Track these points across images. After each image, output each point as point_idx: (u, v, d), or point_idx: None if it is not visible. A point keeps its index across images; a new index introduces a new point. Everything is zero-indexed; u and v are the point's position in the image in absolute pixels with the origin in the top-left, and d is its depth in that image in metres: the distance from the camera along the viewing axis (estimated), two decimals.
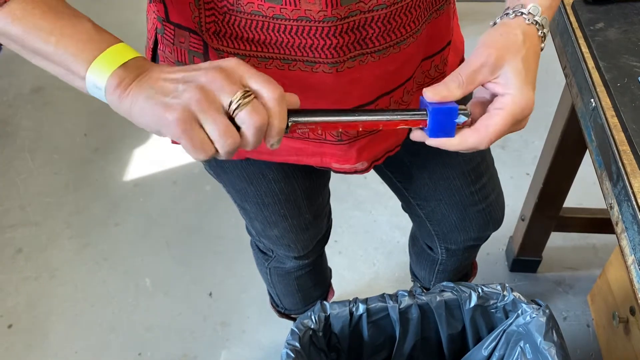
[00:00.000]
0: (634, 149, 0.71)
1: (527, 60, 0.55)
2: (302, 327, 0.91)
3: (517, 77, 0.54)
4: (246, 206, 0.90)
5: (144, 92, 0.48)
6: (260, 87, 0.48)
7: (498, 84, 0.55)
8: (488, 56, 0.55)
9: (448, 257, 1.06)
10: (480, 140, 0.55)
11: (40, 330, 1.52)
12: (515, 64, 0.54)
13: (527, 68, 0.55)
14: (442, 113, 0.55)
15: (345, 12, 0.56)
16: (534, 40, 0.57)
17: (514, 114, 0.54)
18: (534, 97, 0.55)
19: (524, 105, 0.54)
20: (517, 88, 0.54)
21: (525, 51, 0.55)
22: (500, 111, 0.55)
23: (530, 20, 0.57)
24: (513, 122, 0.55)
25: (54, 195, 1.86)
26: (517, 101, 0.54)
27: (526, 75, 0.55)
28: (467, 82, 0.55)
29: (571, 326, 1.46)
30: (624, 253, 0.69)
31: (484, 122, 0.55)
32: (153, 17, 0.69)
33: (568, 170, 1.27)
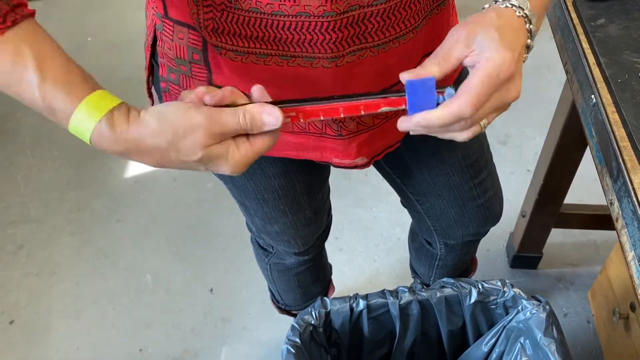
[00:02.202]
0: (634, 145, 0.71)
1: (502, 30, 0.54)
2: (303, 323, 0.91)
3: (491, 42, 0.53)
4: (246, 202, 0.91)
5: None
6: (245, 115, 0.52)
7: (474, 55, 0.54)
8: (459, 32, 0.55)
9: (447, 252, 1.06)
10: (462, 104, 0.52)
11: (41, 327, 1.52)
12: (489, 33, 0.53)
13: (502, 35, 0.53)
14: (417, 84, 0.53)
15: (344, 7, 0.56)
16: (511, 17, 0.55)
17: (489, 71, 0.52)
18: (511, 56, 0.53)
19: (500, 61, 0.52)
20: (491, 49, 0.53)
21: (499, 24, 0.54)
22: (476, 71, 0.53)
23: (504, 5, 0.56)
24: (491, 80, 0.53)
25: (55, 192, 1.87)
26: (491, 59, 0.52)
27: (501, 39, 0.53)
28: (443, 59, 0.54)
29: (572, 322, 1.46)
30: (624, 249, 0.69)
31: (463, 87, 0.53)
32: (152, 13, 0.69)
33: (569, 167, 1.27)
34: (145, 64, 0.76)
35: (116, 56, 2.35)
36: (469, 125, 0.55)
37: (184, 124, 0.50)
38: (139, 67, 1.79)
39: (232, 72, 0.66)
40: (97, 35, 2.48)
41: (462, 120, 0.54)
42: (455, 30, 0.55)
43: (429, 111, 0.54)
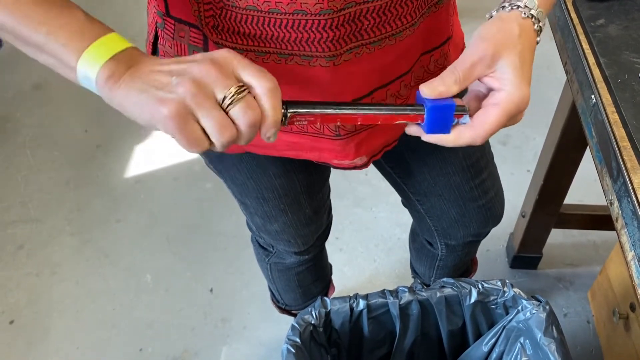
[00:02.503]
0: (634, 145, 0.71)
1: (523, 55, 0.55)
2: (303, 322, 0.91)
3: (513, 72, 0.55)
4: (246, 201, 0.91)
5: (137, 85, 0.47)
6: (253, 79, 0.48)
7: (494, 79, 0.55)
8: (484, 50, 0.55)
9: (448, 252, 1.06)
10: (475, 136, 0.56)
11: (41, 327, 1.53)
12: (512, 59, 0.55)
13: (522, 62, 0.55)
14: (440, 110, 0.55)
15: (341, 4, 0.56)
16: (530, 34, 0.57)
17: (509, 110, 0.55)
18: (529, 93, 0.55)
19: (519, 101, 0.55)
20: (512, 84, 0.55)
21: (521, 46, 0.55)
22: (496, 107, 0.55)
23: (526, 14, 0.57)
24: (508, 118, 0.55)
25: (55, 192, 1.87)
26: (512, 98, 0.55)
27: (522, 70, 0.55)
28: (464, 77, 0.55)
29: (571, 322, 1.47)
30: (624, 249, 0.69)
31: (479, 119, 0.56)
32: (153, 11, 0.69)
33: (568, 167, 1.27)
34: None
35: None
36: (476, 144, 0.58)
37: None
38: None
39: None
40: None
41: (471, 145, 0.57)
42: (479, 45, 0.55)
43: (444, 135, 0.56)
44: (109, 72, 0.48)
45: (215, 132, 0.47)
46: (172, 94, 0.46)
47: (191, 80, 0.46)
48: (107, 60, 0.48)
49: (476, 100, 0.58)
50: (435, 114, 0.55)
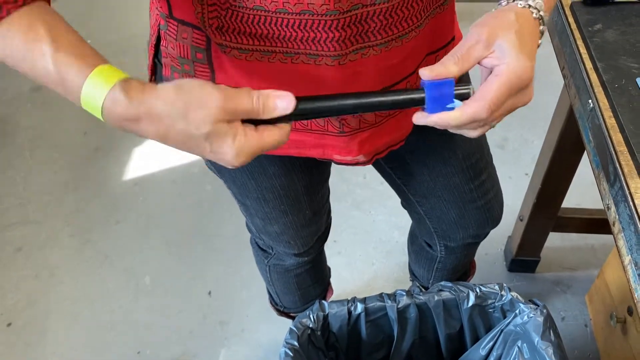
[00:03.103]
0: (631, 150, 0.71)
1: (521, 34, 0.55)
2: (301, 326, 0.91)
3: (511, 47, 0.55)
4: (247, 202, 0.91)
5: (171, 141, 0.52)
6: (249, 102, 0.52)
7: (494, 57, 0.56)
8: (480, 34, 0.55)
9: (447, 254, 1.06)
10: (479, 108, 0.54)
11: (39, 329, 1.52)
12: (509, 37, 0.55)
13: (521, 40, 0.55)
14: (437, 86, 0.55)
15: (347, 6, 0.57)
16: (528, 19, 0.57)
17: (510, 79, 0.54)
18: (531, 65, 0.55)
19: (520, 71, 0.54)
20: (512, 56, 0.54)
21: (519, 26, 0.55)
22: (496, 77, 0.55)
23: (523, 5, 0.57)
24: (510, 88, 0.55)
25: (53, 194, 1.87)
26: (511, 67, 0.54)
27: (520, 45, 0.55)
28: (463, 59, 0.55)
29: (569, 326, 1.47)
30: (621, 253, 0.70)
31: (481, 91, 0.55)
32: (156, 13, 0.70)
33: (566, 171, 1.28)
34: (148, 63, 0.77)
35: (117, 58, 2.35)
36: (482, 125, 0.57)
37: (200, 96, 0.50)
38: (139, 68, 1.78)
39: (236, 71, 0.66)
40: (98, 37, 2.49)
41: (477, 122, 0.55)
42: (475, 30, 0.56)
43: (446, 112, 0.55)
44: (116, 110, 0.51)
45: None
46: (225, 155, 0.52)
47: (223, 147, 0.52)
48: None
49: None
50: (433, 90, 0.55)
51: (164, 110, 0.50)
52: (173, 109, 0.50)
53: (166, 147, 0.54)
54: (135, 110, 0.50)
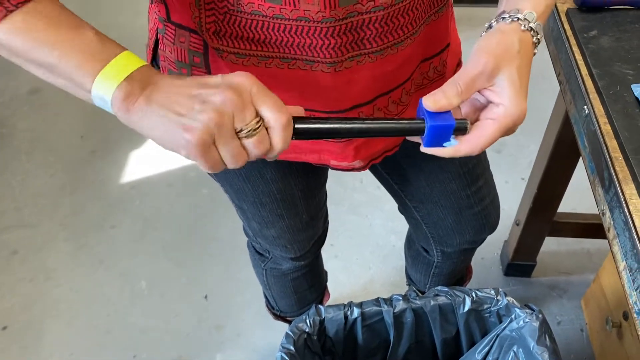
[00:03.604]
0: (625, 156, 0.72)
1: (521, 69, 0.56)
2: (297, 330, 0.92)
3: (511, 86, 0.56)
4: (244, 206, 0.91)
5: (156, 108, 0.49)
6: (269, 113, 0.50)
7: (493, 92, 0.57)
8: (485, 64, 0.55)
9: (444, 260, 1.06)
10: (472, 149, 0.57)
11: (35, 332, 1.52)
12: (510, 73, 0.56)
13: (520, 77, 0.56)
14: (439, 129, 0.56)
15: (343, 13, 0.57)
16: (528, 48, 0.58)
17: (506, 124, 0.56)
18: (526, 107, 0.57)
19: (516, 116, 0.56)
20: (510, 99, 0.56)
21: (520, 60, 0.56)
22: (493, 122, 0.56)
23: (525, 27, 0.58)
24: (504, 132, 0.57)
25: (50, 197, 1.86)
26: (509, 113, 0.56)
27: (520, 84, 0.56)
28: (465, 90, 0.56)
29: (565, 331, 1.47)
30: (616, 259, 0.70)
31: (477, 132, 0.57)
32: (154, 17, 0.70)
33: (562, 176, 1.28)
34: None
35: None
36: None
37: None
38: None
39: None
40: None
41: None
42: (480, 59, 0.56)
43: (443, 149, 0.57)
44: (124, 94, 0.49)
45: (230, 160, 0.51)
46: (195, 121, 0.48)
47: (214, 109, 0.48)
48: (122, 82, 0.49)
49: (474, 110, 0.60)
50: (435, 131, 0.56)
51: (178, 86, 0.51)
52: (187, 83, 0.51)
53: (163, 150, 0.53)
54: (148, 97, 0.50)
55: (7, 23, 0.49)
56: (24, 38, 0.49)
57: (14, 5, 0.48)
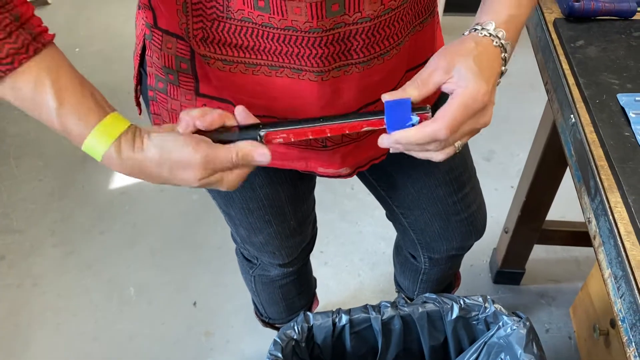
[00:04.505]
0: (611, 165, 0.72)
1: (480, 60, 0.58)
2: (285, 337, 0.91)
3: (468, 71, 0.57)
4: (231, 212, 0.91)
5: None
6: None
7: (452, 82, 0.58)
8: (440, 60, 0.59)
9: (431, 266, 1.07)
10: (437, 127, 0.57)
11: (21, 339, 1.51)
12: (467, 63, 0.58)
13: (479, 65, 0.58)
14: (395, 105, 0.58)
15: (330, 24, 0.58)
16: (488, 47, 0.60)
17: (466, 100, 0.57)
18: (487, 89, 0.58)
19: (475, 92, 0.57)
20: (468, 79, 0.57)
21: (477, 53, 0.58)
22: (453, 99, 0.57)
23: (482, 34, 0.60)
24: (466, 109, 0.57)
25: (38, 203, 1.85)
26: (468, 90, 0.57)
27: (479, 70, 0.58)
28: (422, 83, 0.58)
29: (553, 338, 1.48)
30: (601, 267, 0.70)
31: (439, 112, 0.58)
32: (142, 23, 0.70)
33: (550, 184, 1.29)
34: (134, 73, 0.77)
35: (104, 67, 2.35)
36: (444, 147, 0.59)
37: (183, 160, 0.56)
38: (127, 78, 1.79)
39: (220, 82, 0.66)
40: (86, 46, 2.48)
41: (437, 142, 0.58)
42: (436, 58, 0.59)
43: (406, 129, 0.57)
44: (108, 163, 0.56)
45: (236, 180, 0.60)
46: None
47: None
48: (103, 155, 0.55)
49: None
50: (392, 108, 0.58)
51: (154, 170, 0.56)
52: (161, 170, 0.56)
53: None
54: (128, 169, 0.57)
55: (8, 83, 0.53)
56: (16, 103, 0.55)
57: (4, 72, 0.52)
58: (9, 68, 0.51)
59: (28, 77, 0.52)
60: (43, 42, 0.53)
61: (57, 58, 0.54)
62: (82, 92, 0.55)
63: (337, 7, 0.56)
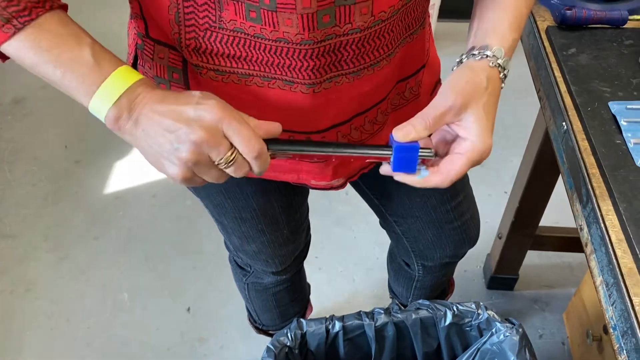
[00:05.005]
0: (602, 172, 0.73)
1: (488, 106, 0.60)
2: (278, 344, 0.91)
3: (478, 123, 0.59)
4: (224, 221, 0.91)
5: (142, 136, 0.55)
6: (241, 147, 0.54)
7: (460, 127, 0.60)
8: (454, 101, 0.59)
9: (425, 273, 1.07)
10: (441, 181, 0.61)
11: (14, 345, 1.50)
12: (477, 111, 0.59)
13: (487, 113, 0.60)
14: (405, 150, 0.60)
15: (321, 36, 0.58)
16: (496, 84, 0.62)
17: (473, 159, 0.60)
18: (491, 143, 0.61)
19: (482, 151, 0.60)
20: (477, 135, 0.59)
21: (487, 97, 0.60)
22: (461, 156, 0.60)
23: (494, 64, 0.61)
24: (470, 164, 0.61)
25: (32, 208, 1.84)
26: (476, 148, 0.60)
27: (486, 121, 0.60)
28: (434, 124, 0.59)
29: (547, 344, 1.48)
30: (593, 274, 0.71)
31: (446, 166, 0.61)
32: (134, 32, 0.70)
33: (543, 190, 1.29)
34: None
35: None
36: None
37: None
38: None
39: (213, 93, 0.66)
40: None
41: None
42: (449, 96, 0.59)
43: (411, 176, 0.61)
44: (114, 118, 0.55)
45: (214, 181, 0.57)
46: (175, 160, 0.54)
47: (190, 150, 0.53)
48: (111, 107, 0.54)
49: (444, 143, 0.63)
50: (399, 153, 0.60)
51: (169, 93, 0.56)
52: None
53: (147, 162, 0.57)
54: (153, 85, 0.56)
55: (15, 41, 0.53)
56: (30, 55, 0.54)
57: (22, 24, 0.53)
58: (27, 19, 0.53)
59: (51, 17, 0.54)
60: (58, 4, 0.55)
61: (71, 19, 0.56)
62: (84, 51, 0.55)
63: (328, 18, 0.56)
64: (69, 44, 0.54)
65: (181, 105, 0.53)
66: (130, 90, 0.54)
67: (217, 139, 0.53)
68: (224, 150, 0.54)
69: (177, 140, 0.53)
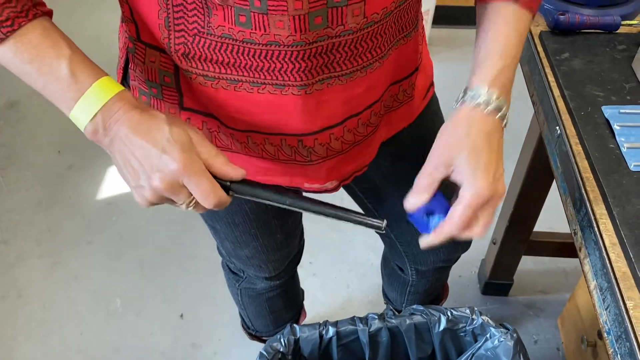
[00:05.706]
0: (596, 177, 0.73)
1: (476, 146, 0.62)
2: (271, 350, 0.90)
3: (467, 165, 0.62)
4: (217, 226, 0.90)
5: (117, 156, 0.58)
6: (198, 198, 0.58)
7: (456, 175, 0.63)
8: (438, 158, 0.64)
9: (418, 278, 1.06)
10: (451, 231, 0.63)
11: (5, 351, 1.48)
12: (464, 156, 0.62)
13: (477, 153, 0.62)
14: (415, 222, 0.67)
15: (313, 37, 0.57)
16: (482, 123, 0.63)
17: (472, 202, 0.61)
18: (488, 182, 0.62)
19: (477, 192, 0.61)
20: (469, 178, 0.62)
21: (472, 140, 0.62)
22: (459, 205, 0.62)
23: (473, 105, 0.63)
24: (475, 208, 0.62)
25: (25, 213, 1.83)
26: (472, 191, 0.61)
27: (479, 161, 0.62)
28: (429, 185, 0.64)
29: (542, 349, 1.47)
30: (587, 278, 0.71)
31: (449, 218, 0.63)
32: (125, 36, 0.70)
33: (537, 195, 1.29)
34: None
35: None
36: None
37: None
38: None
39: (203, 96, 0.66)
40: None
41: None
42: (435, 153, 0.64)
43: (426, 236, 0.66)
44: (92, 132, 0.57)
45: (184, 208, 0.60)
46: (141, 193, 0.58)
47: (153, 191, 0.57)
48: (87, 124, 0.56)
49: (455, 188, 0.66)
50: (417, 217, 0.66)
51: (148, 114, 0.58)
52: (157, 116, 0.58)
53: None
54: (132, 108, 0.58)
55: None
56: (13, 67, 0.56)
57: (4, 34, 0.54)
58: (9, 30, 0.53)
59: (34, 27, 0.55)
60: (42, 11, 0.56)
61: (53, 25, 0.57)
62: (62, 65, 0.56)
63: (320, 19, 0.56)
64: (48, 57, 0.55)
65: (149, 143, 0.56)
66: (107, 107, 0.56)
67: (175, 189, 0.57)
68: (183, 198, 0.58)
69: (144, 175, 0.57)
